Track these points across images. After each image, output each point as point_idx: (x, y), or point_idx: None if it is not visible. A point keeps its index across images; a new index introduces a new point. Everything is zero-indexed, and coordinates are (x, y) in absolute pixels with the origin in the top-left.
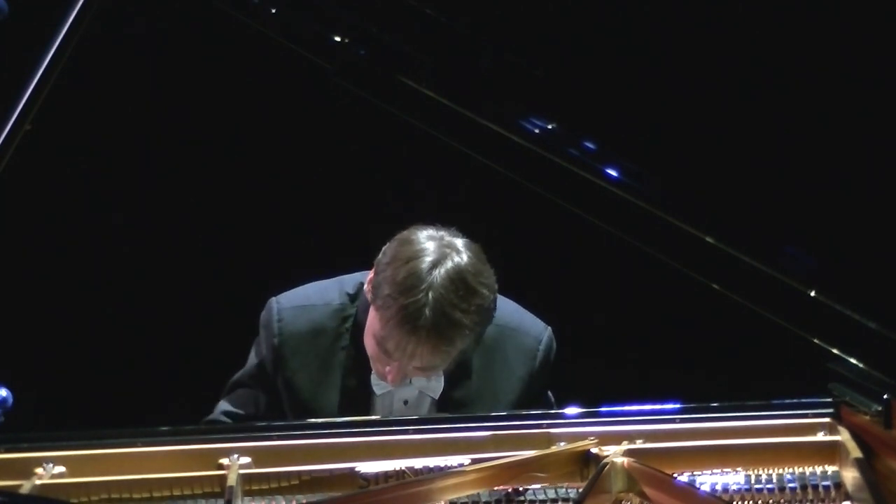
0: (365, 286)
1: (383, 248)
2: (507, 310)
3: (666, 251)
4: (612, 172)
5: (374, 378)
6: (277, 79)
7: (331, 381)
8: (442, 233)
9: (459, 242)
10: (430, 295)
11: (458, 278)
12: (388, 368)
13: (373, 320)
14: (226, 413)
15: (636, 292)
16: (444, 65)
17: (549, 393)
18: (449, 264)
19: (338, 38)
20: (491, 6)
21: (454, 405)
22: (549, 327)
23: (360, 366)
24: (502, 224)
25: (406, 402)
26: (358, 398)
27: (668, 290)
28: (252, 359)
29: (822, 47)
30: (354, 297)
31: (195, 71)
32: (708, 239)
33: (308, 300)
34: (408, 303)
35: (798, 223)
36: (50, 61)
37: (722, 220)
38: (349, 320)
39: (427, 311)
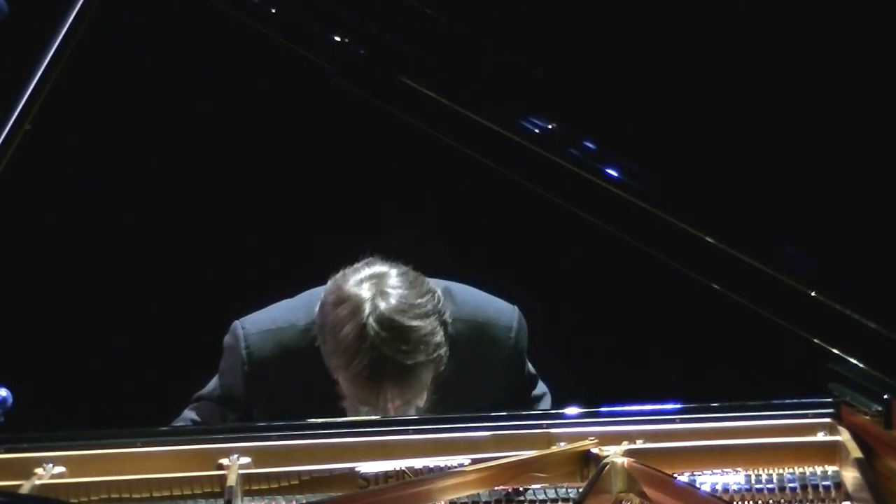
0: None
1: (319, 307)
2: (474, 303)
3: (666, 251)
4: (612, 172)
5: None
6: (277, 79)
7: (305, 404)
8: (364, 273)
9: (386, 281)
10: (375, 354)
11: (393, 325)
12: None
13: (338, 376)
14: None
15: (636, 292)
16: (444, 65)
17: (529, 365)
18: (379, 313)
19: (338, 38)
20: (491, 6)
21: (435, 404)
22: (516, 307)
23: (333, 383)
24: (502, 224)
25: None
26: (337, 415)
27: (668, 290)
28: (218, 382)
29: (822, 47)
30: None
31: (195, 71)
32: (708, 239)
33: (274, 323)
34: (360, 368)
35: (798, 223)
36: (50, 61)
37: (722, 220)
38: (318, 339)
39: (380, 368)
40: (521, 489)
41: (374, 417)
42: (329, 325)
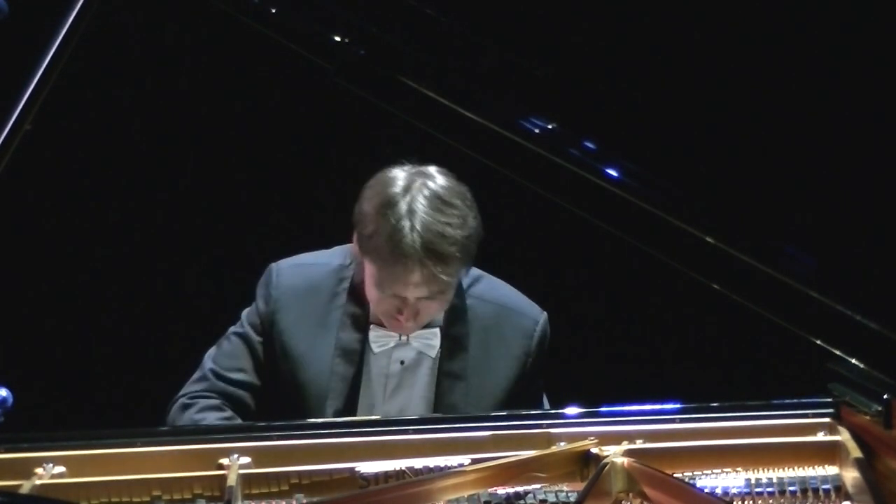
0: (352, 248)
1: (360, 197)
2: (505, 292)
3: (666, 251)
4: (612, 172)
5: (372, 336)
6: (277, 79)
7: (325, 339)
8: (409, 166)
9: (431, 168)
10: (412, 219)
11: (433, 196)
12: (401, 317)
13: (369, 271)
14: (215, 372)
15: (636, 292)
16: (444, 65)
17: (541, 381)
18: (418, 185)
19: (338, 38)
20: (491, 6)
21: (450, 378)
22: (545, 312)
23: (356, 324)
24: (502, 224)
25: (402, 363)
26: (351, 356)
27: (668, 290)
28: (245, 322)
29: (821, 47)
30: (352, 259)
31: (195, 71)
32: (708, 239)
33: (306, 260)
34: (392, 232)
35: (798, 223)
36: (50, 61)
37: (722, 220)
38: (346, 281)
39: (414, 235)
40: (521, 492)
41: (374, 418)
42: (366, 201)
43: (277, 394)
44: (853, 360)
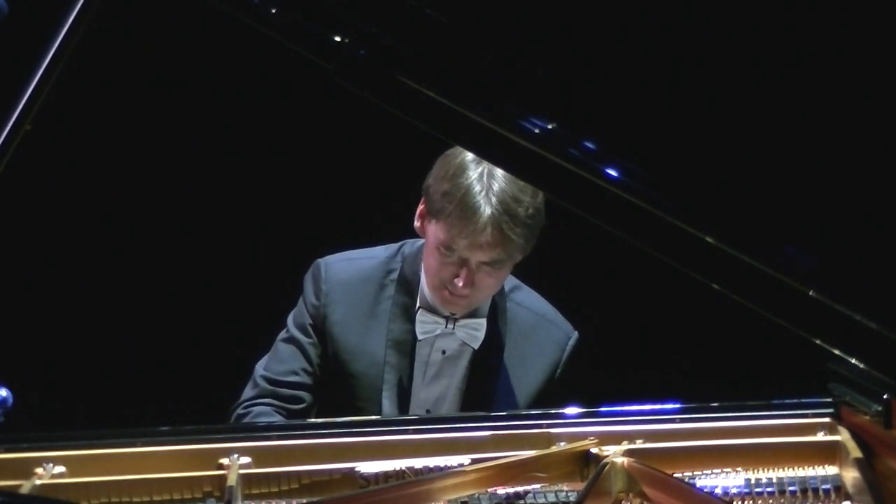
0: (416, 223)
1: (432, 170)
2: (543, 304)
3: (665, 251)
4: (612, 172)
5: (419, 324)
6: (278, 79)
7: (376, 330)
8: None
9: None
10: (490, 181)
11: (509, 180)
12: (459, 281)
13: (435, 235)
14: (266, 378)
15: (636, 292)
16: (444, 65)
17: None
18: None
19: (338, 38)
20: (491, 6)
21: (485, 371)
22: (577, 332)
23: (404, 314)
24: None
25: (444, 353)
26: (403, 346)
27: (668, 290)
28: (292, 326)
29: (821, 47)
30: (398, 252)
31: (195, 71)
32: (708, 239)
33: (353, 255)
34: (469, 188)
35: (798, 222)
36: (50, 61)
37: (721, 220)
38: (395, 272)
39: (491, 195)
40: (521, 492)
41: (374, 417)
42: (440, 167)
43: (331, 387)
44: (853, 360)
